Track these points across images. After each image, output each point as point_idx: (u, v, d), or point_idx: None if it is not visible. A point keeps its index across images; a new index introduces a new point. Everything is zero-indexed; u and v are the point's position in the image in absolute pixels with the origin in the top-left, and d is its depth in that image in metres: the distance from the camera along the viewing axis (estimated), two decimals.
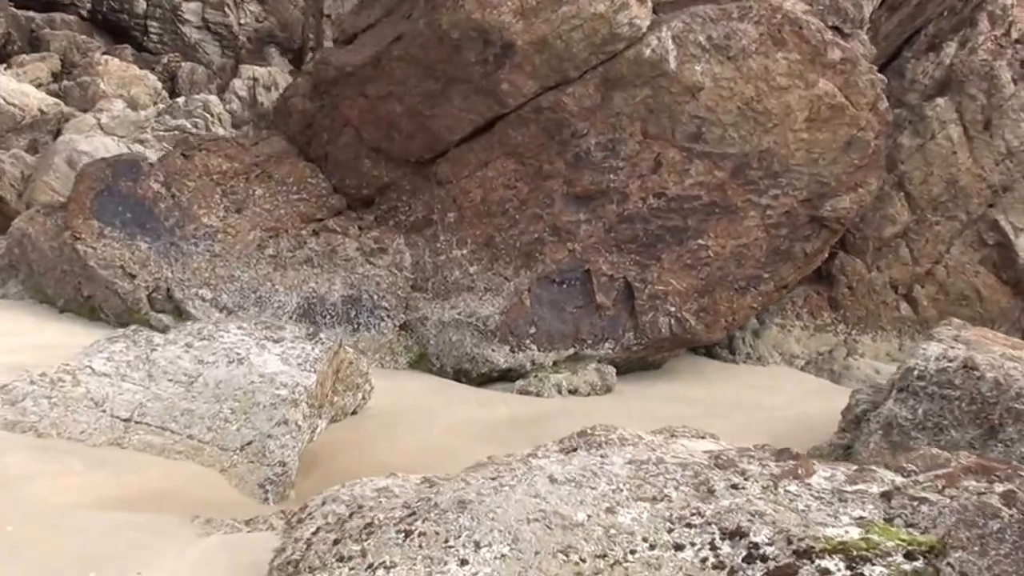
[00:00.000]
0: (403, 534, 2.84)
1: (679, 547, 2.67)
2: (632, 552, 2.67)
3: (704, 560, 2.62)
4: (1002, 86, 9.67)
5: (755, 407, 7.42)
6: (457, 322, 7.77)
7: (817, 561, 2.53)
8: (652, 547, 2.68)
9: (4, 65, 17.72)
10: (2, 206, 11.80)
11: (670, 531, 2.72)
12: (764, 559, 2.58)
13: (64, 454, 4.56)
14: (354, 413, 6.13)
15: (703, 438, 3.46)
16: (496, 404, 6.90)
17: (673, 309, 7.72)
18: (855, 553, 2.55)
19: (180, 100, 16.48)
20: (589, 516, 2.80)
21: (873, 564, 2.52)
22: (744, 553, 2.61)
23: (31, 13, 20.51)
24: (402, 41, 7.92)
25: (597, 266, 7.72)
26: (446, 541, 2.77)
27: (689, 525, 2.73)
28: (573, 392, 7.50)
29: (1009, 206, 10.05)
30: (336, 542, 2.96)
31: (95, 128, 14.50)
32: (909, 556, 2.55)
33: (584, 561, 2.65)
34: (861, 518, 2.70)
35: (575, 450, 3.20)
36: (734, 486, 2.87)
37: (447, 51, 7.68)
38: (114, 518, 3.84)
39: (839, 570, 2.50)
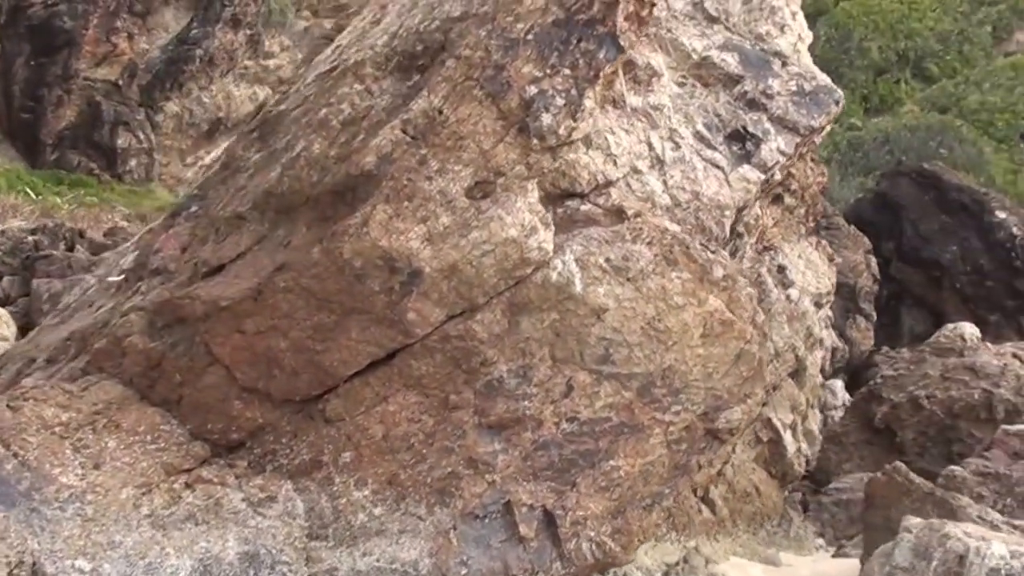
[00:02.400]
0: None
1: None
2: None
3: None
4: (768, 291, 10.49)
5: None
6: (378, 570, 7.11)
7: None
8: None
9: None
10: None
11: None
12: None
13: None
14: None
15: None
16: None
17: (592, 534, 7.52)
18: None
19: None
20: None
21: None
22: None
23: None
24: (288, 271, 7.40)
25: (517, 496, 7.40)
26: None
27: None
28: None
29: (778, 403, 10.86)
30: None
31: None
32: None
33: None
34: None
35: None
36: None
37: (347, 281, 7.28)
38: None
39: None
